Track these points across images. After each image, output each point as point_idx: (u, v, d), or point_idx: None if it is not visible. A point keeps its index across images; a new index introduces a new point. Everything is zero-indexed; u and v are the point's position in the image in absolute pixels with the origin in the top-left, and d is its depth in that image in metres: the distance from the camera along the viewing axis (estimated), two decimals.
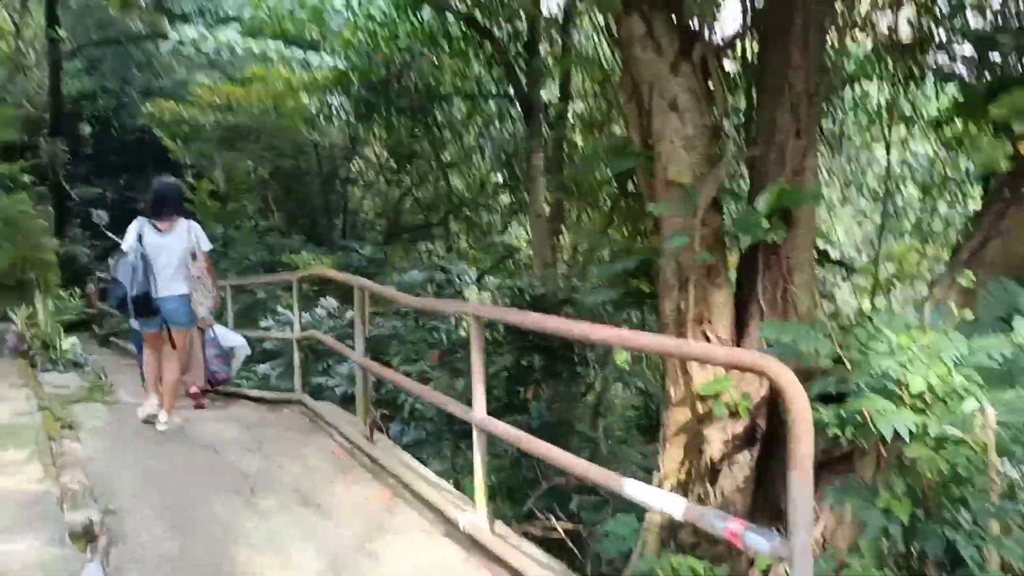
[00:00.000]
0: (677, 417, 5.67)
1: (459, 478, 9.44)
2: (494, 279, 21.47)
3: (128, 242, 6.16)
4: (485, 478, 4.46)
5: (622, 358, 6.09)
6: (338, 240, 17.55)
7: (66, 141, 21.08)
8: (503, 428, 4.34)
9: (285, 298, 12.78)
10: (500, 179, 20.58)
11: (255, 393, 8.53)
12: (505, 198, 22.54)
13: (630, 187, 6.82)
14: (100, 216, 8.39)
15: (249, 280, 11.52)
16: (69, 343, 8.24)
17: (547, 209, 12.22)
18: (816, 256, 5.68)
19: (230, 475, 5.13)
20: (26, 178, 13.27)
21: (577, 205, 12.73)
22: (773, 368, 2.52)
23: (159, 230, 6.20)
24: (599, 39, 13.38)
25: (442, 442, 9.10)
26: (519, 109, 12.72)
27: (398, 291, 11.68)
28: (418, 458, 9.69)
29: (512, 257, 23.71)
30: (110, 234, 9.17)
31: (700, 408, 5.53)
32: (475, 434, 4.50)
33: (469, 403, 4.53)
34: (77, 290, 13.32)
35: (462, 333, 9.85)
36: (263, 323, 11.00)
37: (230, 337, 8.06)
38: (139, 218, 6.32)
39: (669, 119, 5.42)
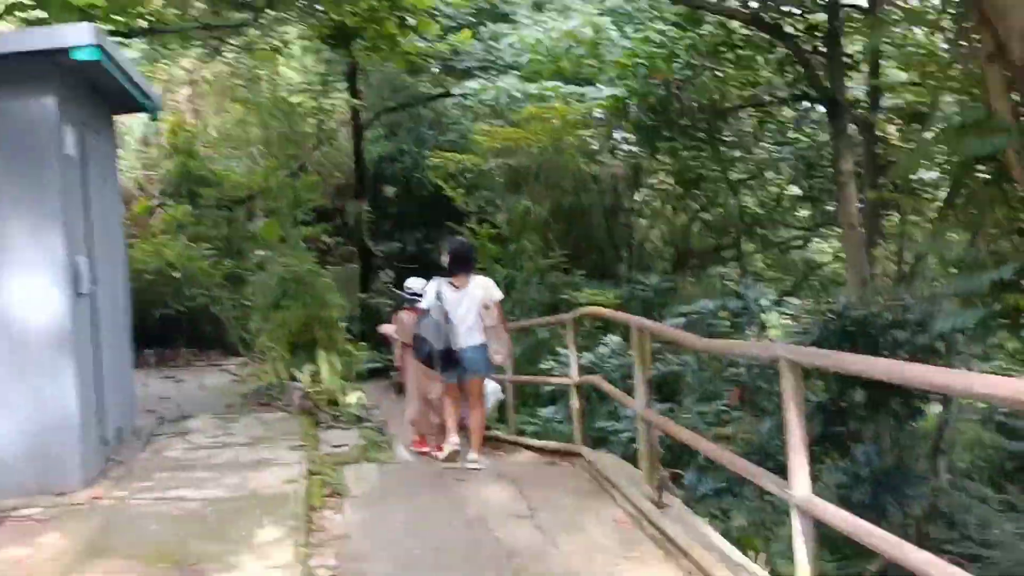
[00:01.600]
0: None
1: (768, 537, 8.03)
2: (798, 301, 19.54)
3: (429, 300, 6.74)
4: None
5: None
6: (624, 273, 16.77)
7: (370, 202, 22.69)
8: (834, 513, 3.10)
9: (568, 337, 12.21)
10: (799, 191, 18.68)
11: (534, 442, 7.88)
12: (804, 211, 20.51)
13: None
14: (387, 274, 8.55)
15: (522, 323, 11.02)
16: (355, 397, 8.16)
17: (860, 218, 10.40)
18: None
19: (496, 554, 4.37)
20: (329, 239, 14.09)
21: (901, 211, 10.73)
22: None
23: (455, 287, 6.71)
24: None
25: (745, 487, 7.78)
26: (821, 109, 11.08)
27: (687, 325, 10.75)
28: (719, 511, 8.50)
29: (814, 274, 21.47)
30: (396, 290, 9.13)
31: None
32: (795, 519, 3.29)
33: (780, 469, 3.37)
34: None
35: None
36: (544, 364, 10.43)
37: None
38: (436, 278, 6.88)
39: None
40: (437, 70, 22.65)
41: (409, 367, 7.99)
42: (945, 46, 10.70)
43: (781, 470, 7.73)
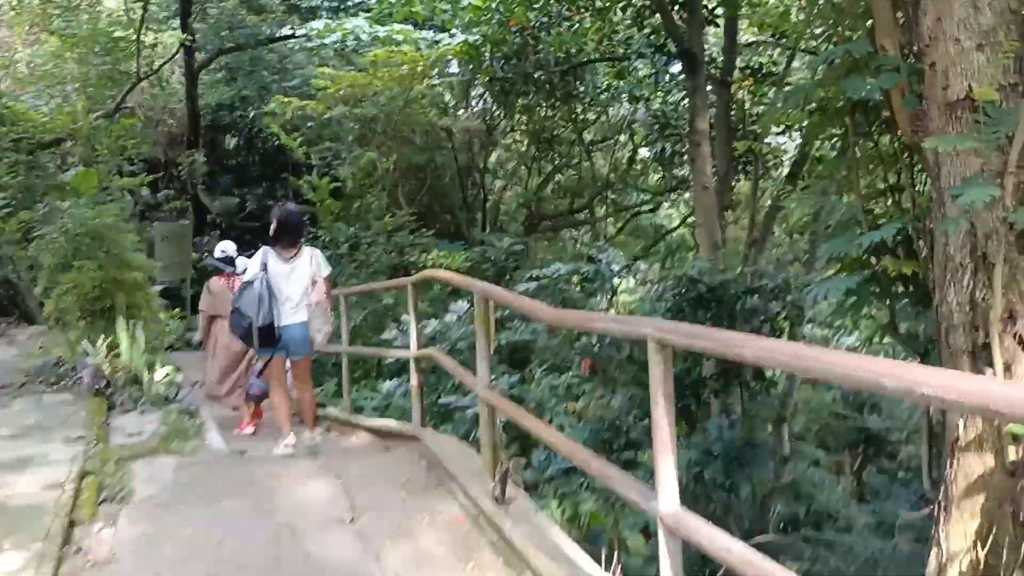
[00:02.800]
0: (970, 466, 3.72)
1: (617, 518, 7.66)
2: (644, 266, 19.61)
3: (253, 270, 6.09)
4: None
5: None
6: (476, 235, 16.10)
7: (208, 153, 20.86)
8: (706, 535, 2.49)
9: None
10: (651, 154, 18.59)
11: (370, 423, 7.07)
12: (656, 176, 20.55)
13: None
14: (223, 250, 7.24)
15: (360, 287, 10.11)
16: (163, 374, 7.02)
17: (714, 181, 10.12)
18: None
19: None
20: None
21: (754, 173, 10.53)
22: None
23: (283, 258, 6.14)
24: None
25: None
26: (678, 66, 10.68)
27: (537, 290, 10.21)
28: (571, 492, 8.05)
29: (663, 239, 21.66)
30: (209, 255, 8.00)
31: (1016, 454, 3.60)
32: (661, 535, 2.68)
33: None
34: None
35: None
36: (387, 333, 9.62)
37: None
38: (264, 247, 6.21)
39: (951, 6, 3.39)
40: (282, 9, 21.10)
41: (217, 341, 7.33)
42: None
43: (633, 445, 7.36)
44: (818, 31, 6.04)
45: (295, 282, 6.10)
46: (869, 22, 4.15)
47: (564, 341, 9.03)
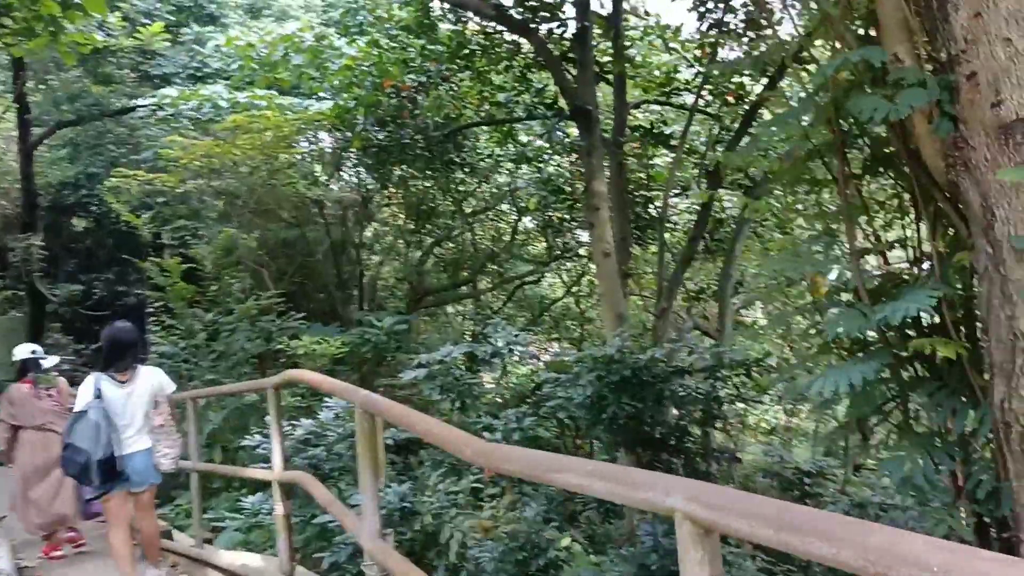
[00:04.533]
0: None
1: None
2: (534, 337, 18.66)
3: (86, 399, 5.36)
4: None
5: None
6: (353, 315, 14.77)
7: (52, 236, 18.82)
8: None
9: (284, 397, 9.91)
10: (534, 223, 17.89)
11: (225, 559, 5.62)
12: (537, 245, 19.90)
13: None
14: (32, 351, 6.11)
15: (205, 392, 8.63)
16: None
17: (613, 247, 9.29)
18: None
19: None
20: None
21: (659, 237, 9.76)
22: None
23: (119, 382, 5.52)
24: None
25: None
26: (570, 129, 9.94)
27: (428, 377, 8.99)
28: None
29: (549, 310, 20.89)
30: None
31: None
32: None
33: None
34: None
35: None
36: (250, 438, 8.12)
37: None
38: (94, 373, 5.55)
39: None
40: (131, 78, 19.53)
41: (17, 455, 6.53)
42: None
43: (554, 567, 6.17)
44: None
45: (134, 407, 5.50)
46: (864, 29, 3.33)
47: None
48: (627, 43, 10.01)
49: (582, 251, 17.64)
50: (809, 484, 6.90)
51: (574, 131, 11.04)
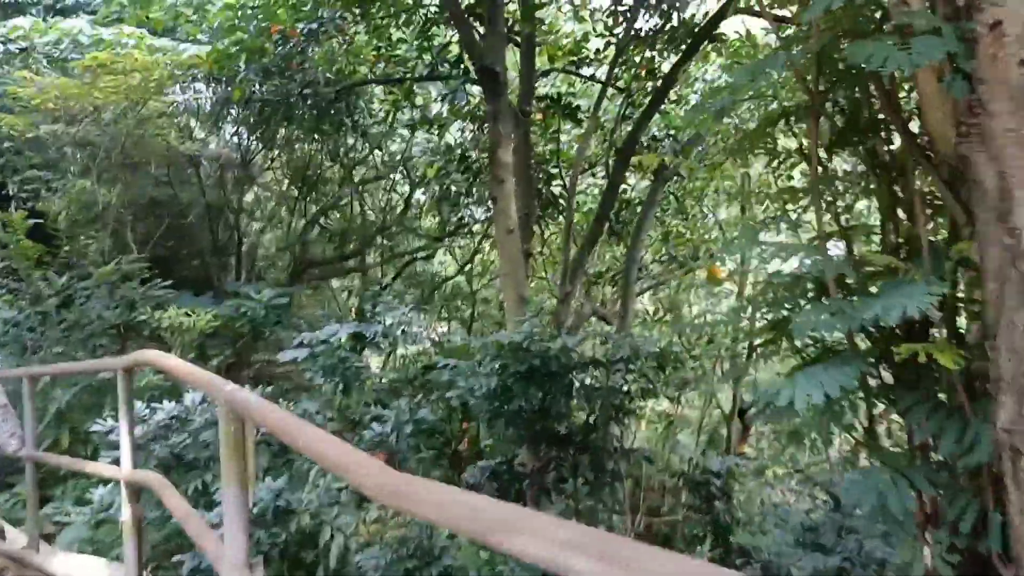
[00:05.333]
0: None
1: None
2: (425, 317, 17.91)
3: None
4: None
5: None
6: (229, 285, 13.61)
7: None
8: None
9: (145, 374, 8.84)
10: (428, 195, 17.06)
11: (60, 564, 4.73)
12: (430, 219, 19.11)
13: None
14: None
15: (44, 370, 7.55)
16: None
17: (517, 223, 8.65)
18: None
19: None
20: None
21: (565, 217, 9.15)
22: None
23: None
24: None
25: None
26: (474, 88, 9.18)
27: (311, 357, 8.14)
28: None
29: (440, 288, 20.17)
30: None
31: None
32: None
33: None
34: None
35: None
36: (101, 421, 7.08)
37: None
38: None
39: None
40: None
41: None
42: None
43: None
44: None
45: None
46: None
47: (344, 424, 7.06)
48: (536, 1, 9.34)
49: (476, 228, 16.99)
50: (718, 485, 6.54)
51: (478, 95, 10.33)
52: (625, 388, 5.91)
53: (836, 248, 3.34)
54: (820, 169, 3.21)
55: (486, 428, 6.30)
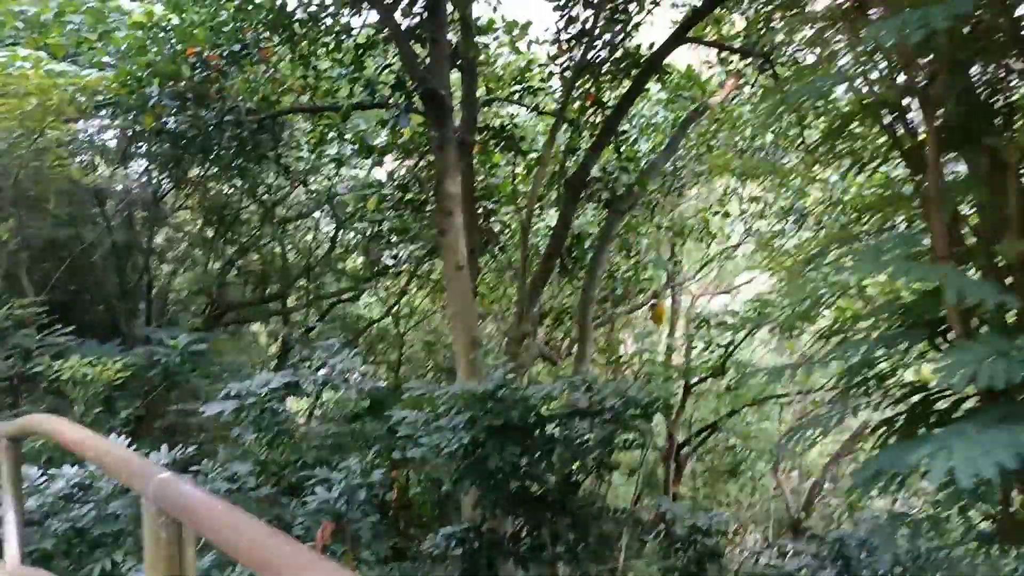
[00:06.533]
0: None
1: None
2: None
3: None
4: None
5: None
6: (139, 332, 12.47)
7: None
8: None
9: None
10: (353, 235, 16.23)
11: None
12: (354, 259, 18.24)
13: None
14: None
15: None
16: None
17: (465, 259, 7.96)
18: None
19: None
20: None
21: (522, 246, 8.46)
22: None
23: None
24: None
25: None
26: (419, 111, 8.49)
27: (237, 411, 7.21)
28: None
29: (368, 332, 19.25)
30: None
31: None
32: None
33: None
34: None
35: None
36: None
37: None
38: None
39: None
40: None
41: None
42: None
43: None
44: None
45: None
46: None
47: (279, 489, 6.19)
48: (478, 26, 8.80)
49: (404, 268, 16.25)
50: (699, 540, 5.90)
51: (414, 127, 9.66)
52: (612, 440, 5.23)
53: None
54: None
55: (452, 489, 5.51)
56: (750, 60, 9.53)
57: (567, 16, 9.40)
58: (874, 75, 2.75)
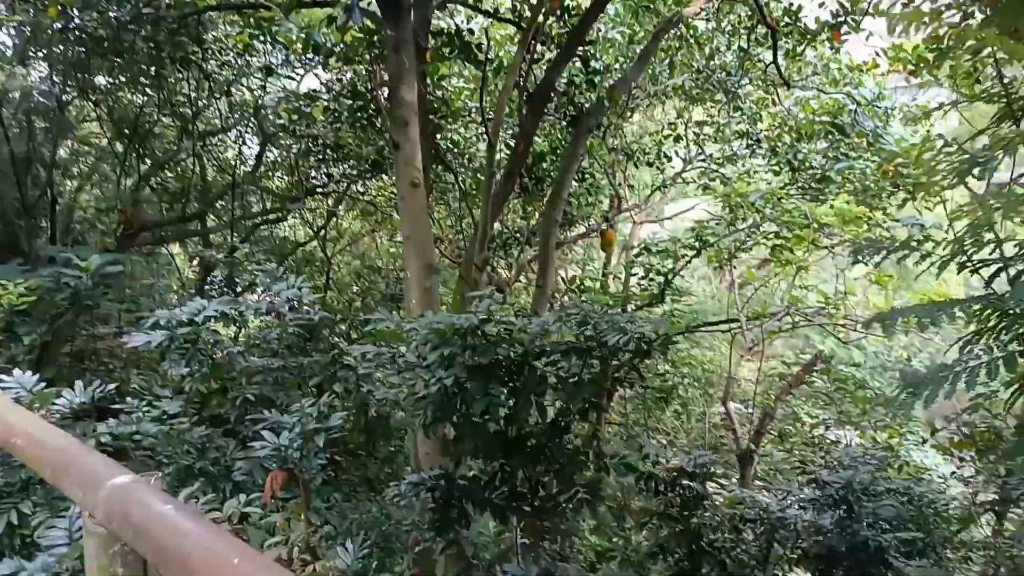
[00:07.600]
0: None
1: None
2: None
3: None
4: None
5: None
6: (44, 251, 11.33)
7: None
8: None
9: None
10: (283, 150, 15.09)
11: None
12: (279, 177, 17.14)
13: None
14: None
15: None
16: None
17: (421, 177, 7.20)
18: None
19: None
20: None
21: (488, 166, 7.70)
22: None
23: None
24: None
25: None
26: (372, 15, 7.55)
27: (173, 334, 6.40)
28: None
29: (294, 254, 18.27)
30: None
31: None
32: None
33: None
34: None
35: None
36: None
37: None
38: None
39: None
40: None
41: None
42: None
43: None
44: None
45: None
46: None
47: (216, 430, 5.49)
48: None
49: (333, 187, 15.32)
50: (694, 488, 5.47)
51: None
52: (606, 381, 4.68)
53: None
54: None
55: (423, 435, 4.91)
56: None
57: None
58: None
